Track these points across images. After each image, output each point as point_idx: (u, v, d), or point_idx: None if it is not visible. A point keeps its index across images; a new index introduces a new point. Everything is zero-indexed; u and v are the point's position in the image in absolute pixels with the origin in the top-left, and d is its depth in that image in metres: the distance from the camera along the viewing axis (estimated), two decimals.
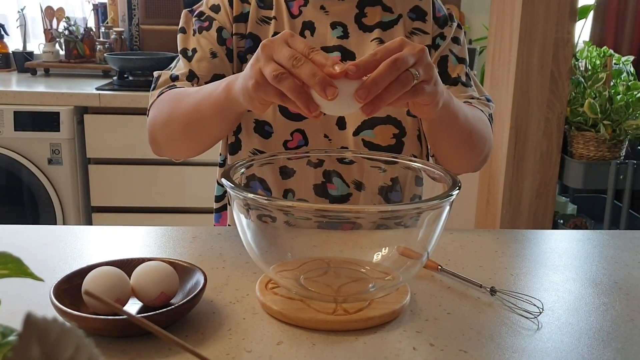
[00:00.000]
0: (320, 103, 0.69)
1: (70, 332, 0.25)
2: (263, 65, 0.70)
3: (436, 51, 1.07)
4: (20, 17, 2.80)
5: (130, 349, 0.64)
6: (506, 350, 0.67)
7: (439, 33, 1.08)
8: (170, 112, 0.95)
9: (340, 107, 0.70)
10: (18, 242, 0.94)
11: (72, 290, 0.70)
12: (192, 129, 0.92)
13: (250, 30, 1.05)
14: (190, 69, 1.02)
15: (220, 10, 1.06)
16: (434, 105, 0.77)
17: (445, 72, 1.07)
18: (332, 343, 0.67)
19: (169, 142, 0.99)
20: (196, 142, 0.96)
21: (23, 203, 2.32)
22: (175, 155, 1.03)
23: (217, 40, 1.04)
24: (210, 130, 0.93)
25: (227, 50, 1.05)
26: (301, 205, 0.69)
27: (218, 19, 1.05)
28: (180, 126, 0.93)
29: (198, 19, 1.06)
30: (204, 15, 1.06)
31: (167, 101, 0.96)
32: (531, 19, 2.08)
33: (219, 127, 0.93)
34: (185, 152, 1.01)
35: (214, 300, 0.76)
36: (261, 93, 0.72)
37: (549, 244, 1.01)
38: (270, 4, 1.06)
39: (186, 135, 0.94)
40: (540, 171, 2.21)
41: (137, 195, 2.35)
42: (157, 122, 0.98)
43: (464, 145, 0.97)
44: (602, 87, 2.26)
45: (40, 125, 2.24)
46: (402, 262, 0.76)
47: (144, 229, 1.01)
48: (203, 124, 0.90)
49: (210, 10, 1.06)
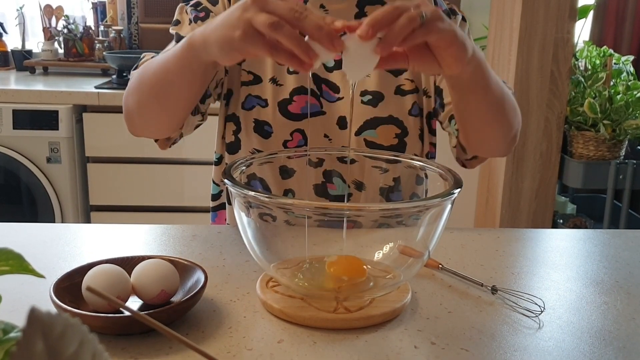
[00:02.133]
0: (320, 52, 0.67)
1: (75, 327, 0.25)
2: (253, 16, 0.66)
3: None
4: (19, 15, 2.79)
5: (131, 347, 0.64)
6: (507, 349, 0.67)
7: None
8: (139, 79, 0.90)
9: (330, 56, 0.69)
10: (17, 240, 0.94)
11: (72, 288, 0.70)
12: (160, 91, 0.86)
13: None
14: None
15: (218, 4, 1.03)
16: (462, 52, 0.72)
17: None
18: (333, 341, 0.67)
19: (141, 114, 0.93)
20: (166, 108, 0.90)
21: (21, 202, 2.32)
22: (150, 130, 0.96)
23: None
24: (178, 91, 0.86)
25: None
26: (301, 202, 0.69)
27: (215, 11, 1.02)
28: (148, 90, 0.88)
29: (194, 8, 1.03)
30: (201, 5, 1.03)
31: (137, 73, 0.92)
32: (531, 19, 2.08)
33: (186, 86, 0.85)
34: (157, 124, 0.94)
35: (214, 298, 0.75)
36: (248, 44, 0.68)
37: (550, 243, 1.01)
38: None
39: (155, 100, 0.88)
40: (539, 171, 2.21)
41: (135, 194, 2.35)
42: (128, 93, 0.93)
43: (497, 114, 0.90)
44: (602, 87, 2.26)
45: (39, 123, 2.23)
46: (403, 261, 0.76)
47: (144, 227, 1.01)
48: (170, 83, 0.85)
49: (207, 2, 1.03)
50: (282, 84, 1.03)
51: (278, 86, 1.03)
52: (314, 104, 1.03)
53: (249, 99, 1.03)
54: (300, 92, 1.02)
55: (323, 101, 1.04)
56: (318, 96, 1.04)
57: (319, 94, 1.04)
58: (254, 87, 1.03)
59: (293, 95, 1.02)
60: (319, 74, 1.04)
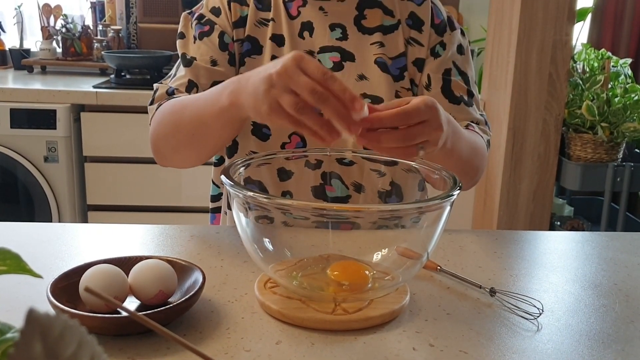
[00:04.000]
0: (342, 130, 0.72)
1: (73, 329, 0.25)
2: (279, 94, 0.71)
3: (436, 59, 1.06)
4: (17, 14, 2.79)
5: (128, 347, 0.64)
6: (506, 351, 0.67)
7: (438, 41, 1.06)
8: (173, 124, 0.94)
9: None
10: (14, 240, 0.93)
11: (69, 288, 0.69)
12: (198, 139, 0.91)
13: (248, 32, 1.04)
14: (190, 79, 1.00)
15: (221, 14, 1.03)
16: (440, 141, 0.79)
17: (448, 90, 1.07)
18: (332, 343, 0.67)
19: (175, 153, 0.98)
20: (202, 150, 0.95)
21: (19, 201, 2.31)
22: (181, 164, 1.02)
23: (218, 46, 1.02)
24: (216, 139, 0.93)
25: (230, 55, 1.03)
26: (299, 203, 0.69)
27: (219, 23, 1.03)
28: (185, 137, 0.93)
29: (198, 22, 1.04)
30: (204, 18, 1.04)
31: (167, 113, 0.95)
32: (530, 21, 2.08)
33: (225, 135, 0.93)
34: (190, 161, 0.99)
35: (212, 299, 0.75)
36: (275, 118, 0.73)
37: (548, 245, 1.01)
38: (269, 5, 1.05)
39: (192, 145, 0.93)
40: (537, 173, 2.22)
41: (133, 194, 2.35)
42: (159, 135, 0.97)
43: (464, 167, 0.97)
44: (600, 90, 2.27)
45: (36, 122, 2.22)
46: (401, 262, 0.75)
47: (142, 227, 1.00)
48: (208, 133, 0.90)
49: (210, 13, 1.04)
50: None
51: None
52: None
53: None
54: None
55: None
56: None
57: None
58: None
59: None
60: None
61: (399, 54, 1.05)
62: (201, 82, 1.01)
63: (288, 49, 1.03)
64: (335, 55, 1.03)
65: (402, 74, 1.05)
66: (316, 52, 1.04)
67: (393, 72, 1.04)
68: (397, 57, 1.05)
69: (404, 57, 1.05)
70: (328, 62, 1.04)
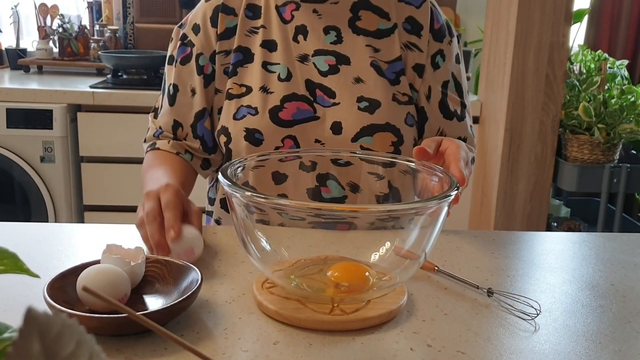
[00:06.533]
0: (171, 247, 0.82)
1: (72, 328, 0.25)
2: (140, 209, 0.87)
3: (435, 70, 1.06)
4: (13, 13, 2.78)
5: (125, 347, 0.64)
6: (504, 351, 0.67)
7: (438, 50, 1.06)
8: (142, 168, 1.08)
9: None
10: (10, 239, 0.93)
11: (65, 288, 0.69)
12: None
13: (238, 43, 1.05)
14: (175, 119, 1.08)
15: (200, 32, 1.06)
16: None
17: (445, 104, 1.07)
18: (329, 343, 0.67)
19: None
20: None
21: (15, 201, 2.31)
22: None
23: (195, 70, 1.07)
24: None
25: (205, 79, 1.06)
26: (296, 203, 0.69)
27: (196, 43, 1.07)
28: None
29: (182, 43, 1.09)
30: (187, 39, 1.08)
31: (143, 167, 1.08)
32: (527, 22, 2.08)
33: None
34: None
35: (209, 299, 0.75)
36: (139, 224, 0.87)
37: (545, 246, 1.01)
38: (259, 12, 1.05)
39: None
40: (534, 174, 2.22)
41: (129, 194, 2.34)
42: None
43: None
44: (597, 91, 2.27)
45: (33, 122, 2.22)
46: (399, 263, 0.75)
47: None
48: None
49: (192, 32, 1.08)
50: (272, 92, 1.03)
51: (268, 94, 1.03)
52: (306, 109, 1.03)
53: (240, 109, 1.03)
54: (291, 98, 1.02)
55: (317, 106, 1.03)
56: (311, 102, 1.03)
57: (313, 99, 1.03)
58: (244, 98, 1.03)
59: (284, 102, 1.02)
60: (312, 79, 1.04)
61: (395, 59, 1.05)
62: (183, 120, 1.08)
63: (281, 53, 1.04)
64: (331, 59, 1.03)
65: (397, 79, 1.05)
66: (310, 55, 1.04)
67: (389, 76, 1.04)
68: (392, 62, 1.05)
69: (400, 62, 1.05)
70: (324, 65, 1.03)
